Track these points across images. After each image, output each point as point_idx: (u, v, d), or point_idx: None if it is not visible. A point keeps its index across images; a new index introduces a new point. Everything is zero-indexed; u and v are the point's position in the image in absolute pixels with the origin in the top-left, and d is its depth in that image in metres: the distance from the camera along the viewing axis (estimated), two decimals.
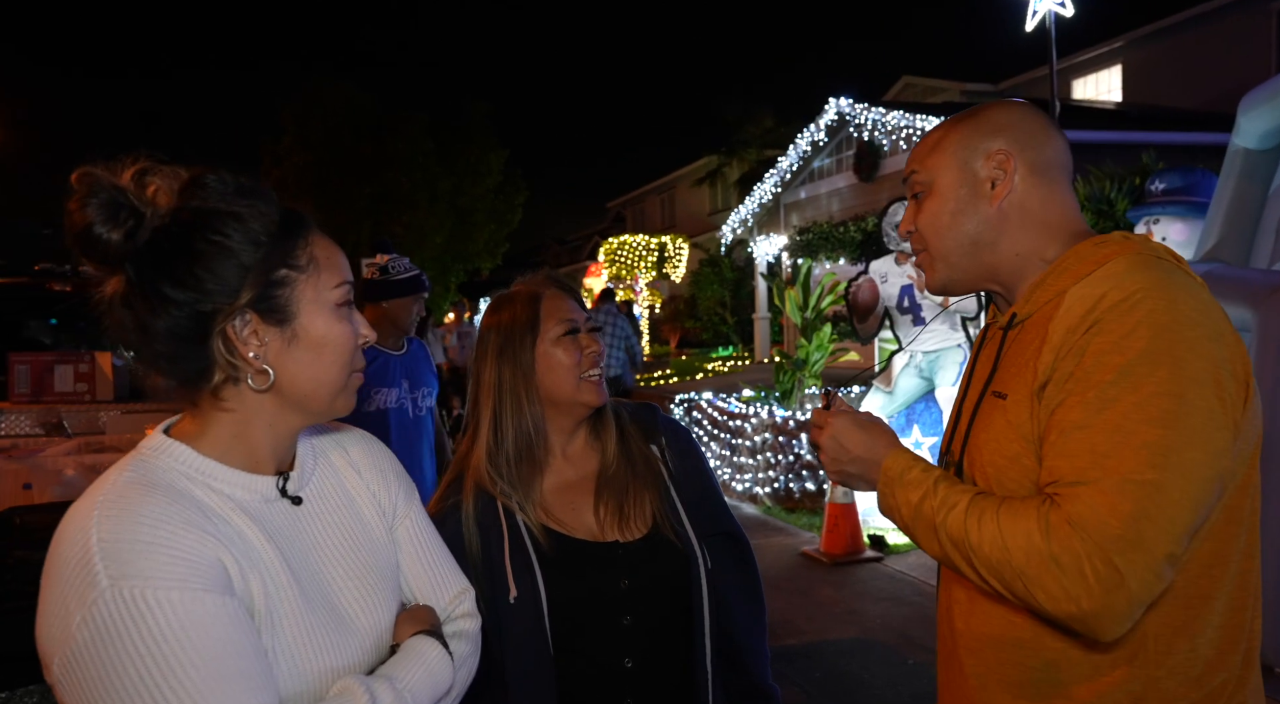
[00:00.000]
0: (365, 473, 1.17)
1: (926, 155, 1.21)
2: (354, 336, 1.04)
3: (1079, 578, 0.93)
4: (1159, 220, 5.26)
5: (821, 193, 15.30)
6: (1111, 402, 0.96)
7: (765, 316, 16.40)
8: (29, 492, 2.55)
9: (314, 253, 1.01)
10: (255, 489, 1.00)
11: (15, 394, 3.62)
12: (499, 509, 1.38)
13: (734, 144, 23.06)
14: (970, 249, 1.18)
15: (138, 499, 0.88)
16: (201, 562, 0.87)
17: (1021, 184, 1.15)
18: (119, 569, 0.82)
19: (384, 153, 25.34)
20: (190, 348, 0.94)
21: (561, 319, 1.46)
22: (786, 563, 5.44)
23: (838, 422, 1.23)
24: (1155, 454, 0.93)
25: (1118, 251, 1.08)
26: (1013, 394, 1.09)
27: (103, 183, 0.91)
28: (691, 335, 21.30)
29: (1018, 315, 1.15)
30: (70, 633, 0.81)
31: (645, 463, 1.49)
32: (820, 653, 4.02)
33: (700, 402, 8.03)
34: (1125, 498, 0.93)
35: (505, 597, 1.33)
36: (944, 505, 1.07)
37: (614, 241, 20.21)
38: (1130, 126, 11.56)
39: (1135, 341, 0.97)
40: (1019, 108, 1.20)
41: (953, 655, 1.20)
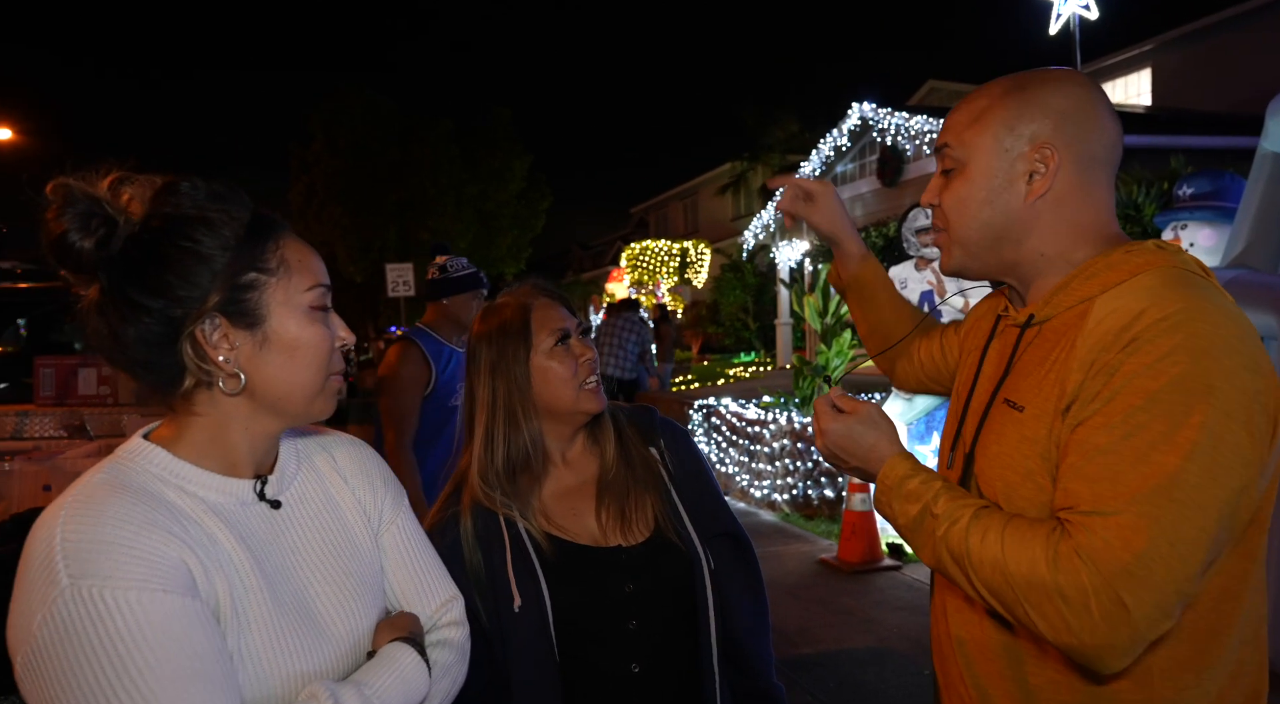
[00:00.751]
0: (351, 478, 1.16)
1: (965, 127, 1.11)
2: (329, 339, 1.03)
3: (1083, 612, 0.89)
4: (1187, 225, 5.17)
5: (845, 198, 15.15)
6: (1139, 428, 0.91)
7: (787, 322, 16.31)
8: (48, 493, 2.59)
9: (285, 255, 1.00)
10: (230, 492, 1.00)
11: (40, 397, 3.68)
12: (500, 520, 1.38)
13: (757, 149, 23.02)
14: (993, 241, 1.11)
15: (103, 500, 0.88)
16: (163, 562, 0.86)
17: (1062, 182, 1.06)
18: (79, 568, 0.82)
19: (410, 158, 25.61)
20: (162, 354, 0.95)
21: (553, 329, 1.44)
22: (804, 571, 5.40)
23: (837, 427, 1.17)
24: (1177, 488, 0.89)
25: (1151, 263, 1.01)
26: (1031, 407, 1.04)
27: (76, 193, 0.92)
28: (714, 341, 21.25)
29: (1035, 317, 1.09)
30: (31, 632, 0.82)
31: (645, 466, 1.48)
32: (836, 662, 3.98)
33: (719, 408, 8.00)
34: (1140, 533, 0.88)
35: (509, 606, 1.32)
36: (945, 519, 1.02)
37: (636, 247, 20.22)
38: (1159, 130, 11.38)
39: (1171, 366, 0.91)
40: (1076, 88, 1.08)
41: (951, 661, 1.17)
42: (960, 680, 1.15)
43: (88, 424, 3.48)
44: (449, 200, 25.99)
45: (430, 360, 3.10)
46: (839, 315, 7.36)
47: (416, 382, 3.03)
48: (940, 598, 1.19)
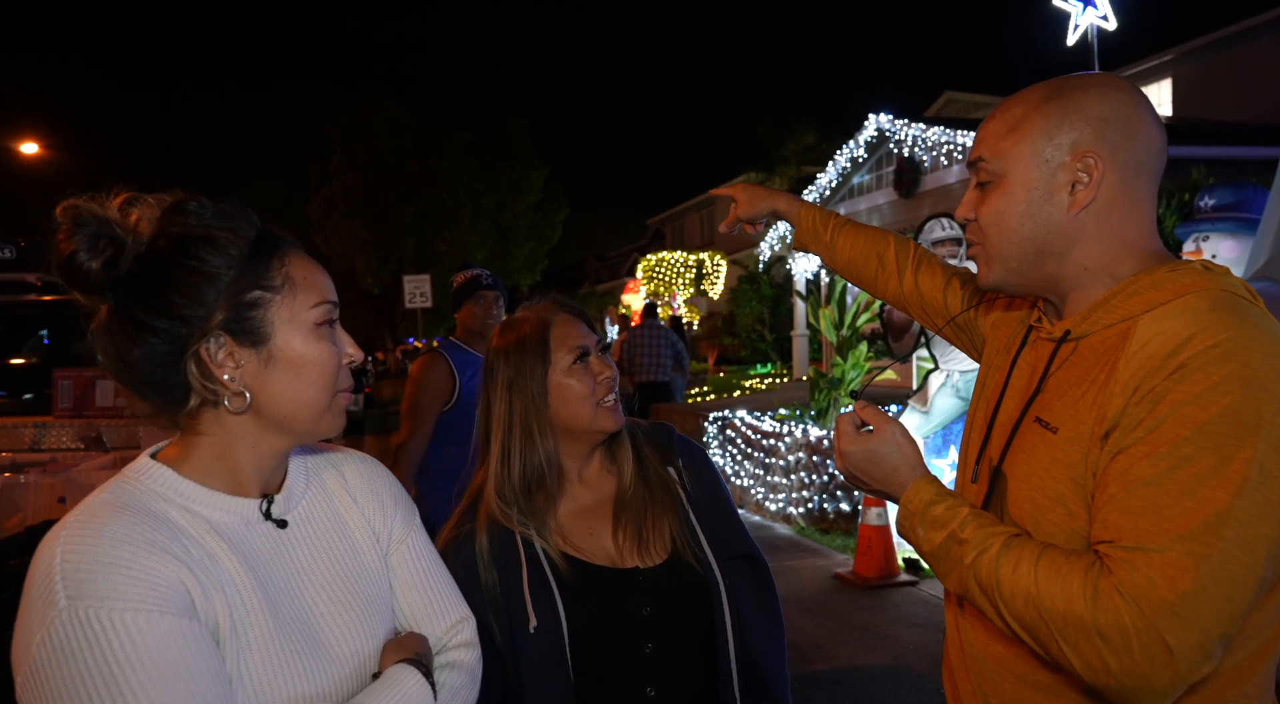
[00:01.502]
0: (361, 498, 1.15)
1: (1001, 138, 1.06)
2: (336, 356, 1.02)
3: (1124, 653, 0.86)
4: (1208, 237, 5.08)
5: (861, 209, 15.16)
6: (1186, 460, 0.87)
7: (804, 334, 16.25)
8: (63, 505, 2.61)
9: (290, 273, 1.00)
10: (235, 512, 0.99)
11: (59, 408, 3.71)
12: (516, 540, 1.36)
13: (774, 161, 23.00)
14: (1035, 256, 1.06)
15: (103, 520, 0.88)
16: (161, 583, 0.86)
17: (1106, 192, 1.01)
18: (77, 589, 0.82)
19: (427, 171, 25.81)
20: (167, 373, 0.95)
21: (572, 347, 1.42)
22: (819, 585, 5.35)
23: (856, 450, 1.13)
24: (1226, 526, 0.85)
25: (1198, 284, 0.97)
26: (1065, 429, 0.99)
27: (85, 214, 0.93)
28: (730, 352, 21.19)
29: (1072, 332, 1.04)
30: (31, 652, 0.82)
31: (663, 486, 1.46)
32: (851, 679, 3.93)
33: (734, 420, 7.96)
34: (1187, 572, 0.85)
35: (525, 626, 1.30)
36: (974, 547, 0.98)
37: (652, 258, 20.24)
38: (1180, 141, 11.27)
39: (1222, 396, 0.87)
40: (1118, 92, 1.03)
41: (961, 675, 1.14)
42: (971, 696, 1.12)
43: (104, 436, 3.51)
44: (466, 212, 26.16)
45: (455, 372, 3.19)
46: (855, 327, 7.31)
47: (438, 390, 3.15)
48: (953, 613, 1.17)
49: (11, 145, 17.47)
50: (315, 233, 26.56)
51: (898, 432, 1.12)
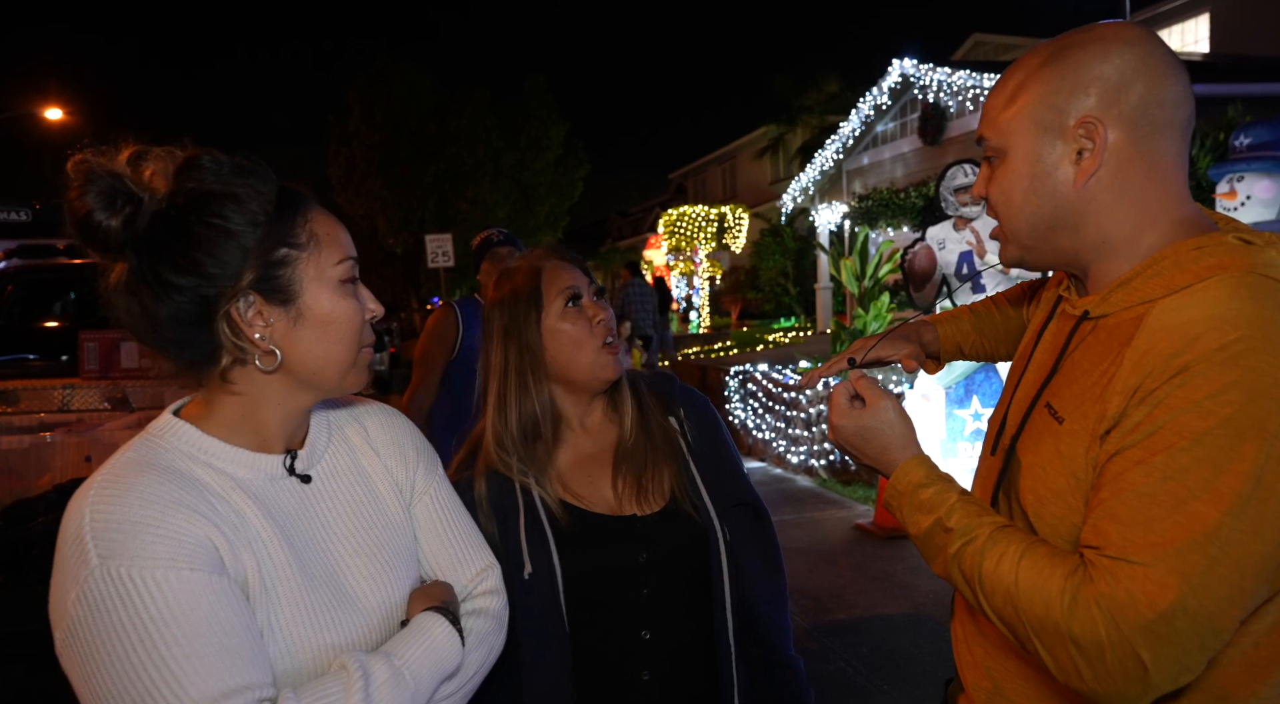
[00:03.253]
0: (383, 450, 1.16)
1: (1000, 111, 1.01)
2: (360, 312, 1.03)
3: (1098, 663, 0.84)
4: (1243, 177, 4.94)
5: (885, 158, 14.88)
6: (1180, 472, 0.83)
7: (827, 286, 16.10)
8: (89, 464, 2.67)
9: (314, 229, 1.00)
10: (259, 468, 1.00)
11: (86, 370, 3.79)
12: (515, 487, 1.37)
13: (795, 111, 22.58)
14: (1047, 231, 1.00)
15: (130, 479, 0.89)
16: (189, 541, 0.88)
17: (1115, 157, 0.94)
18: (108, 548, 0.84)
19: (447, 130, 25.64)
20: (195, 332, 0.95)
21: (562, 289, 1.42)
22: (840, 536, 5.37)
23: (848, 424, 1.10)
24: (1213, 543, 0.81)
25: (1224, 265, 0.89)
26: (1070, 421, 0.96)
27: (98, 170, 0.92)
28: (753, 307, 21.08)
29: (1091, 312, 1.00)
30: (67, 610, 0.84)
31: (664, 435, 1.46)
32: (870, 627, 3.96)
33: (755, 373, 7.95)
34: (1168, 590, 0.82)
35: (520, 572, 1.32)
36: (959, 536, 0.96)
37: (673, 213, 20.05)
38: (1217, 78, 10.89)
39: (1223, 405, 0.82)
40: (1122, 47, 0.94)
41: (963, 646, 1.14)
42: (972, 667, 1.12)
43: (130, 397, 3.58)
44: (487, 170, 26.02)
45: (461, 324, 3.35)
46: (877, 278, 7.23)
47: (443, 339, 3.36)
48: None
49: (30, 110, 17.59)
50: (338, 194, 26.61)
51: (891, 407, 1.09)
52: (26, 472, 2.68)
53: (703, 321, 19.93)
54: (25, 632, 1.99)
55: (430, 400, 3.32)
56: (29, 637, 2.01)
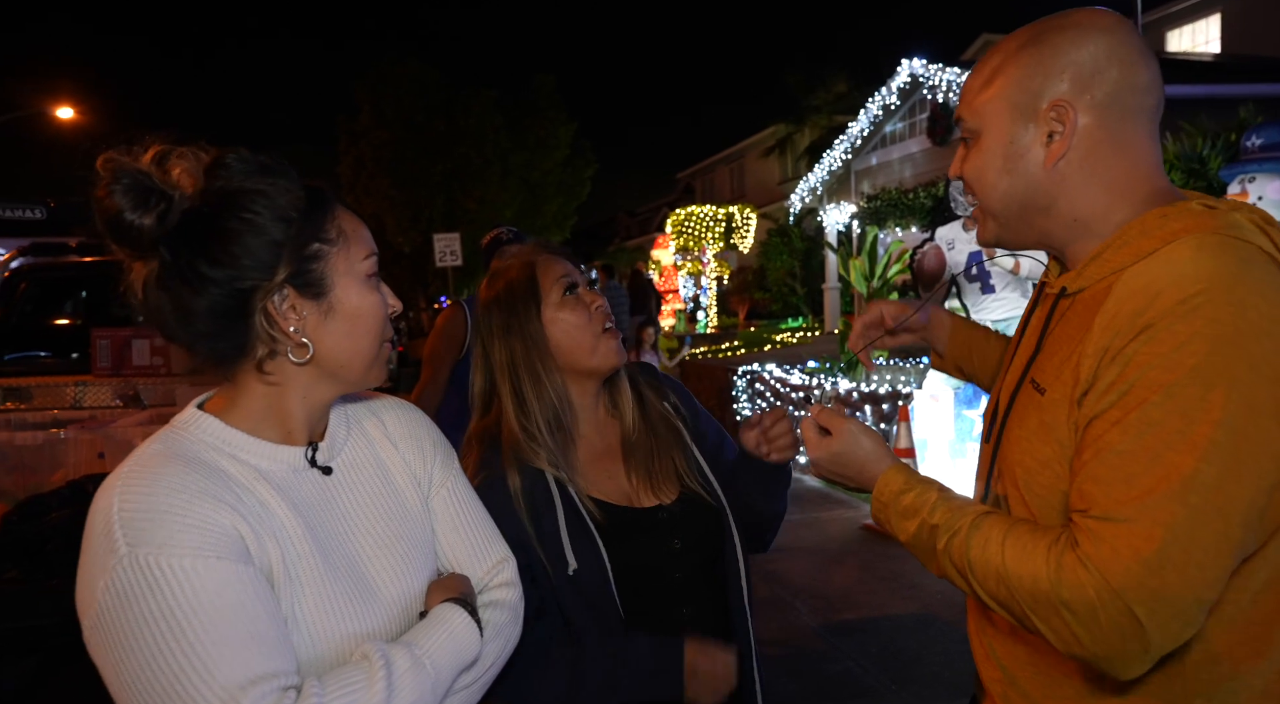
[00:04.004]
0: (401, 443, 1.18)
1: (977, 94, 1.04)
2: (384, 306, 1.06)
3: (1093, 625, 0.85)
4: (1254, 178, 4.93)
5: (894, 158, 14.85)
6: (1153, 426, 0.84)
7: (835, 286, 16.07)
8: (102, 460, 2.68)
9: (342, 225, 1.03)
10: (282, 459, 1.02)
11: (98, 367, 3.80)
12: (549, 480, 1.37)
13: (804, 111, 22.55)
14: (1020, 210, 1.03)
15: (157, 469, 0.91)
16: (216, 529, 0.89)
17: (1084, 139, 0.97)
18: (136, 537, 0.85)
19: (455, 129, 25.68)
20: (230, 325, 0.97)
21: (559, 279, 1.44)
22: (847, 536, 5.37)
23: (823, 456, 1.15)
24: (1191, 492, 0.82)
25: (1189, 228, 0.91)
26: (1051, 391, 0.98)
27: (127, 169, 0.93)
28: (760, 307, 21.06)
29: (1068, 288, 1.02)
30: (95, 597, 0.85)
31: (665, 423, 1.50)
32: (877, 628, 3.96)
33: (763, 373, 7.94)
34: (1152, 541, 0.83)
35: (564, 570, 1.32)
36: (945, 531, 0.99)
37: (680, 213, 20.04)
38: (1228, 79, 10.84)
39: (1188, 356, 0.84)
40: (1097, 33, 0.98)
41: (976, 638, 1.15)
42: (986, 660, 1.13)
43: (141, 394, 3.60)
44: (494, 170, 26.05)
45: (470, 323, 3.38)
46: (886, 278, 7.22)
47: (452, 338, 3.40)
48: None
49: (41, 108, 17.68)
50: (346, 192, 26.69)
51: (855, 428, 1.14)
52: (40, 467, 2.69)
53: (710, 321, 19.92)
54: (39, 626, 2.00)
55: (438, 399, 3.34)
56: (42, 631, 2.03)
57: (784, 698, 3.32)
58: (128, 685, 0.84)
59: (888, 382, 6.97)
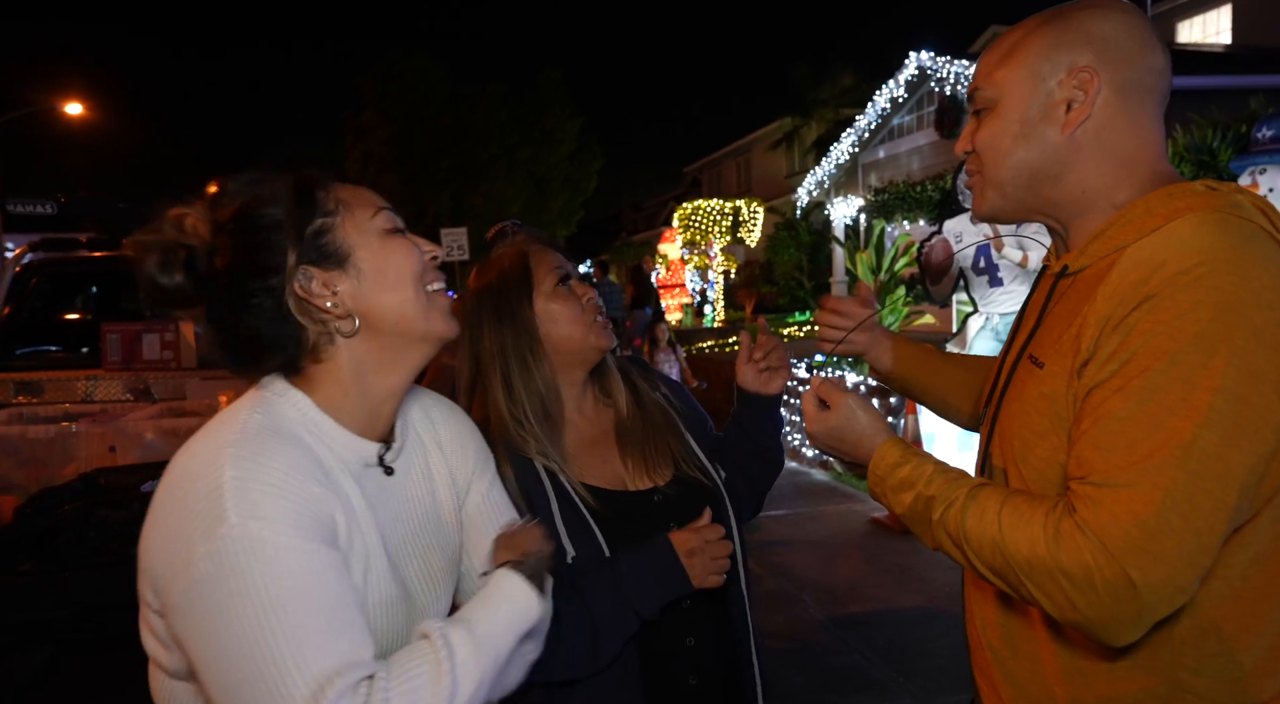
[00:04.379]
0: (448, 447, 1.19)
1: (995, 67, 1.05)
2: (416, 253, 1.06)
3: (1088, 589, 0.85)
4: (1265, 170, 4.90)
5: (901, 151, 14.80)
6: (1156, 392, 0.85)
7: (843, 280, 16.04)
8: (113, 454, 2.71)
9: (338, 195, 1.04)
10: (359, 453, 1.03)
11: (108, 362, 3.83)
12: (538, 469, 1.38)
13: (811, 104, 22.47)
14: (1029, 180, 1.04)
15: (270, 444, 0.92)
16: (322, 515, 0.91)
17: (1103, 109, 0.99)
18: (250, 509, 0.85)
19: (461, 124, 25.70)
20: (280, 325, 0.99)
21: (553, 269, 1.45)
22: (855, 530, 5.37)
23: (819, 430, 1.16)
24: (1190, 457, 0.83)
25: (1191, 206, 0.93)
26: (1050, 363, 0.99)
27: (147, 245, 0.99)
28: (768, 300, 21.00)
29: (1070, 267, 1.03)
30: (193, 562, 0.84)
31: (658, 409, 1.52)
32: (883, 621, 3.97)
33: None
34: (1150, 505, 0.83)
35: (563, 557, 1.33)
36: (941, 502, 0.99)
37: (687, 207, 20.00)
38: (1239, 70, 10.75)
39: (1191, 324, 0.84)
40: (1118, 13, 1.01)
41: (971, 624, 1.16)
42: (981, 647, 1.13)
43: (152, 388, 3.63)
44: (501, 165, 26.07)
45: None
46: (893, 271, 7.21)
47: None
48: None
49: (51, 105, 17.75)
50: None
51: (853, 402, 1.15)
52: (52, 461, 2.72)
53: (717, 316, 19.90)
54: (51, 618, 2.02)
55: (445, 393, 3.37)
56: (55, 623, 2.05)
57: (790, 690, 3.33)
58: (217, 656, 0.84)
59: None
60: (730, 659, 1.44)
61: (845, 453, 1.17)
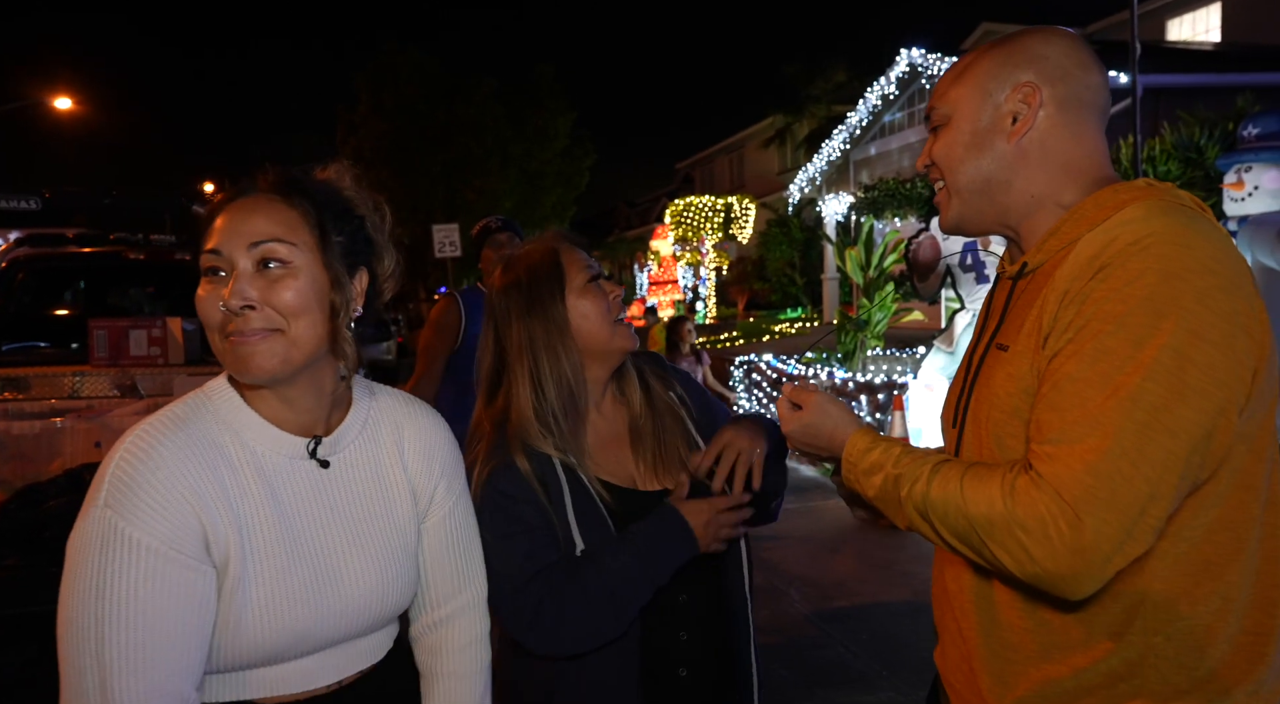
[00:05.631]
0: (410, 456, 1.20)
1: (949, 87, 1.15)
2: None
3: (1044, 541, 0.89)
4: (1250, 167, 4.92)
5: (892, 148, 14.83)
6: (1106, 353, 0.91)
7: (834, 277, 16.08)
8: (99, 450, 2.71)
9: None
10: (282, 447, 1.06)
11: (95, 358, 3.82)
12: (556, 465, 1.39)
13: (803, 101, 22.48)
14: (983, 187, 1.12)
15: (161, 437, 0.97)
16: (183, 524, 0.95)
17: (1045, 121, 1.08)
18: (114, 498, 0.93)
19: (455, 119, 25.60)
20: None
21: (583, 267, 1.46)
22: (843, 525, 5.40)
23: (795, 430, 1.22)
24: (1138, 408, 0.88)
25: (1137, 197, 1.01)
26: (1014, 345, 1.05)
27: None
28: (760, 297, 21.06)
29: (1029, 264, 1.10)
30: (72, 536, 0.94)
31: (670, 411, 1.53)
32: (870, 615, 3.99)
33: (760, 363, 7.96)
34: (1101, 454, 0.88)
35: (572, 551, 1.35)
36: (908, 479, 1.04)
37: (680, 203, 20.02)
38: (1227, 68, 10.81)
39: (1139, 288, 0.91)
40: (1058, 38, 1.12)
41: (948, 614, 1.17)
42: (958, 636, 1.15)
43: (139, 384, 3.62)
44: (494, 160, 25.98)
45: (464, 315, 3.35)
46: (882, 268, 7.23)
47: (446, 330, 3.37)
48: (939, 554, 1.20)
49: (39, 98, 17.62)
50: None
51: (824, 399, 1.22)
52: (37, 456, 2.72)
53: (709, 312, 19.92)
54: (38, 612, 2.03)
55: (433, 391, 3.34)
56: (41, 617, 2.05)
57: (776, 684, 3.35)
58: (61, 624, 0.91)
59: (883, 371, 6.99)
60: (726, 655, 1.46)
61: (821, 448, 1.21)
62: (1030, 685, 1.03)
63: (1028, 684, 1.03)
